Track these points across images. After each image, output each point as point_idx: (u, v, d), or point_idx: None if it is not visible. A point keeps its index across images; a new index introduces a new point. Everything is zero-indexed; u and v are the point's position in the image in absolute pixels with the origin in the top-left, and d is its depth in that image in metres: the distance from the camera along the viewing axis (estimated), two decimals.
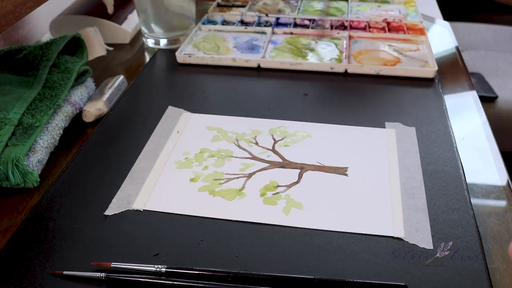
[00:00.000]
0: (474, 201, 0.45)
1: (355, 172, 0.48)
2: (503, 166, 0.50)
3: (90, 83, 0.62)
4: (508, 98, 1.06)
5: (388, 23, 0.77)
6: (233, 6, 0.86)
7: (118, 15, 0.79)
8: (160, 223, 0.43)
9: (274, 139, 0.53)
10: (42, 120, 0.51)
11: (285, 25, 0.79)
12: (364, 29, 0.77)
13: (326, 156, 0.50)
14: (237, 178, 0.48)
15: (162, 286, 0.37)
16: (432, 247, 0.40)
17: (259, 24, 0.79)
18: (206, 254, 0.39)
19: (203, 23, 0.78)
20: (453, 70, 0.69)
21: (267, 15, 0.80)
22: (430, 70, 0.64)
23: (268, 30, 0.75)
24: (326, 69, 0.66)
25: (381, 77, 0.64)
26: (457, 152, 0.50)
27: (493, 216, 0.44)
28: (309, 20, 0.79)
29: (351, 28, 0.77)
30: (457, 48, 0.75)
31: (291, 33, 0.75)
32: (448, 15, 0.98)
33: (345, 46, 0.71)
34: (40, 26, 0.84)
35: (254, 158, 0.50)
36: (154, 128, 0.55)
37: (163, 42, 0.75)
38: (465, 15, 1.38)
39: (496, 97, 1.05)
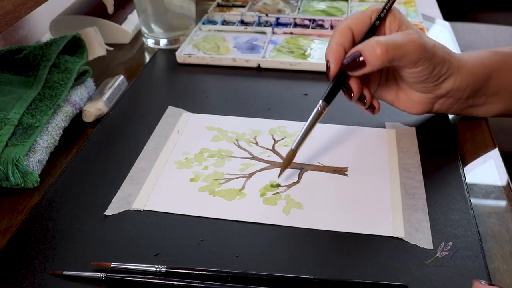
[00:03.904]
0: (474, 201, 0.45)
1: (355, 172, 0.48)
2: (503, 166, 0.50)
3: (90, 83, 0.62)
4: None
5: None
6: (233, 6, 0.86)
7: (118, 15, 0.79)
8: (160, 223, 0.43)
9: (274, 139, 0.53)
10: (42, 120, 0.51)
11: (285, 25, 0.79)
12: None
13: (326, 156, 0.50)
14: (237, 178, 0.48)
15: (162, 286, 0.37)
16: (432, 247, 0.40)
17: (259, 24, 0.79)
18: (206, 254, 0.39)
19: (203, 23, 0.78)
20: None
21: (267, 15, 0.80)
22: None
23: (268, 30, 0.75)
24: None
25: None
26: (457, 152, 0.50)
27: (493, 216, 0.44)
28: (309, 20, 0.79)
29: None
30: (457, 48, 0.75)
31: (291, 33, 0.75)
32: (448, 15, 0.98)
33: None
34: (40, 26, 0.84)
35: (254, 158, 0.50)
36: (154, 128, 0.55)
37: (163, 42, 0.75)
38: (464, 15, 1.38)
39: None
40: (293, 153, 0.46)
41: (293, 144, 0.46)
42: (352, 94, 0.47)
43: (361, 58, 0.44)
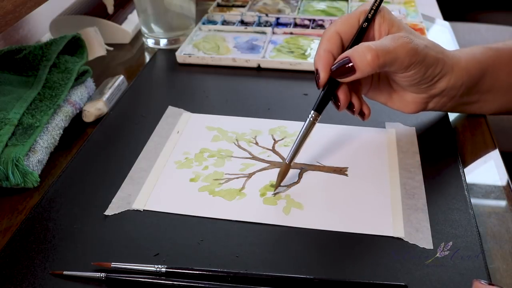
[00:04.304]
0: (474, 201, 0.45)
1: (355, 172, 0.48)
2: (503, 166, 0.50)
3: (90, 83, 0.62)
4: None
5: None
6: (233, 6, 0.86)
7: (118, 15, 0.79)
8: (160, 223, 0.43)
9: (274, 139, 0.53)
10: (42, 120, 0.51)
11: (285, 25, 0.79)
12: None
13: (326, 156, 0.50)
14: (237, 178, 0.48)
15: (162, 286, 0.37)
16: (432, 247, 0.40)
17: (259, 24, 0.79)
18: (206, 254, 0.40)
19: (203, 23, 0.78)
20: None
21: (267, 15, 0.80)
22: None
23: (268, 30, 0.75)
24: None
25: None
26: (457, 152, 0.50)
27: (493, 216, 0.44)
28: (309, 20, 0.79)
29: None
30: (457, 48, 0.75)
31: (291, 33, 0.75)
32: (448, 15, 0.98)
33: None
34: (40, 26, 0.84)
35: (254, 158, 0.50)
36: (154, 128, 0.55)
37: (163, 42, 0.75)
38: (464, 15, 1.38)
39: None
40: (286, 166, 0.46)
41: (286, 158, 0.46)
42: (339, 104, 0.46)
43: (350, 64, 0.43)
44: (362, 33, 0.47)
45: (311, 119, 0.46)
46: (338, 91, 0.46)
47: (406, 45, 0.44)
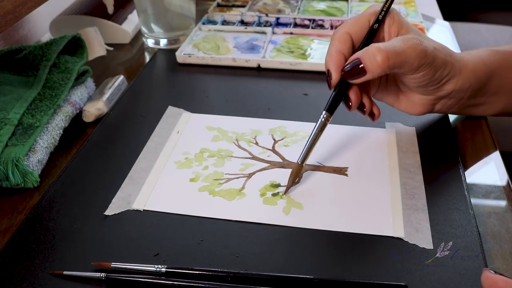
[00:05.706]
0: (474, 201, 0.45)
1: (355, 172, 0.48)
2: (503, 166, 0.50)
3: (90, 83, 0.62)
4: None
5: None
6: (233, 6, 0.86)
7: (118, 15, 0.79)
8: (160, 223, 0.43)
9: (274, 139, 0.53)
10: (42, 120, 0.51)
11: (285, 25, 0.79)
12: None
13: (326, 156, 0.50)
14: (237, 178, 0.48)
15: (162, 286, 0.37)
16: (432, 247, 0.40)
17: (259, 24, 0.79)
18: (206, 254, 0.40)
19: (203, 23, 0.78)
20: None
21: (267, 15, 0.80)
22: None
23: (268, 30, 0.75)
24: None
25: None
26: (457, 152, 0.50)
27: (493, 216, 0.44)
28: (309, 20, 0.79)
29: None
30: (457, 48, 0.75)
31: (291, 33, 0.75)
32: (448, 15, 0.98)
33: None
34: (40, 26, 0.84)
35: (254, 158, 0.50)
36: (154, 128, 0.55)
37: (163, 42, 0.75)
38: (464, 15, 1.38)
39: None
40: (298, 167, 0.46)
41: (298, 158, 0.46)
42: (350, 104, 0.47)
43: (361, 66, 0.44)
44: (373, 34, 0.47)
45: (323, 119, 0.46)
46: (350, 91, 0.46)
47: (416, 47, 0.44)
